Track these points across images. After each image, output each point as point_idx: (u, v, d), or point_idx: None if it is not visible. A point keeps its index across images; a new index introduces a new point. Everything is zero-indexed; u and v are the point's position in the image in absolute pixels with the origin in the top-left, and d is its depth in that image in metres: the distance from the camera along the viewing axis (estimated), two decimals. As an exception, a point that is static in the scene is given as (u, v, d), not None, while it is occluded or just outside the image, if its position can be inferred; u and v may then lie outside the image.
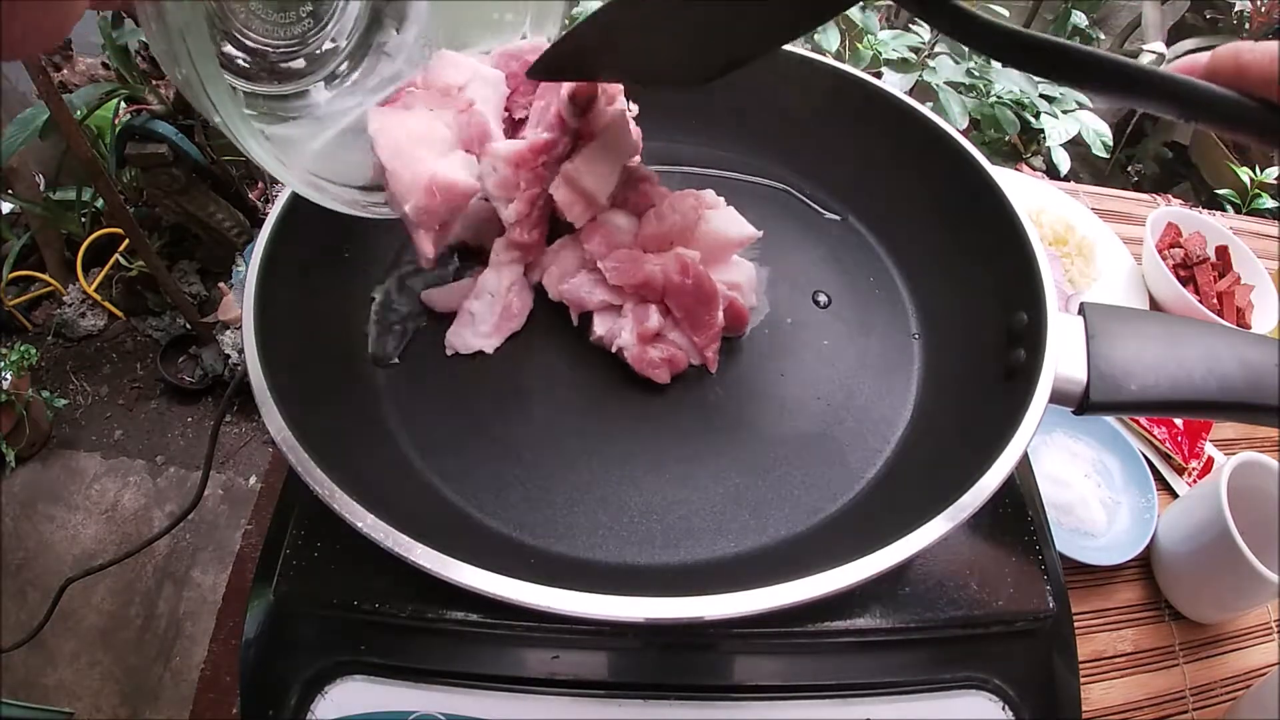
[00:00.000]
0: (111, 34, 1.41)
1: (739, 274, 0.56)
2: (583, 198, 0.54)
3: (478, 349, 0.55)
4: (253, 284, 0.49)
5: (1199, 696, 0.68)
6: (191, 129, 1.48)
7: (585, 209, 0.54)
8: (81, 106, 1.34)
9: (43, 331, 1.92)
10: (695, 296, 0.52)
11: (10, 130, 1.31)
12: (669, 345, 0.53)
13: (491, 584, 0.37)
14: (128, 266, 1.86)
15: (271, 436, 0.41)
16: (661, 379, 0.53)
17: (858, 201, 0.68)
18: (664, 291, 0.53)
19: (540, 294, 0.57)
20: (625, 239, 0.55)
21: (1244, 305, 0.93)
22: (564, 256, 0.56)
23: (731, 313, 0.54)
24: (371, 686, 0.44)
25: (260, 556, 0.48)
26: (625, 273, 0.52)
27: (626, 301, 0.54)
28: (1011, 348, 0.49)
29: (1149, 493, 0.75)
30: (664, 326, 0.53)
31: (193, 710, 0.63)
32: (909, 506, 0.47)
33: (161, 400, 1.87)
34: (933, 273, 0.62)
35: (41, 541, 1.62)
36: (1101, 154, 1.54)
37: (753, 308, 0.58)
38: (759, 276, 0.60)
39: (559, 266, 0.56)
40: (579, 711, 0.44)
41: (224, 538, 1.65)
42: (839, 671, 0.46)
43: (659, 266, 0.52)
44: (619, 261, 0.53)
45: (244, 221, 1.72)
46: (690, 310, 0.52)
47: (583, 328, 0.56)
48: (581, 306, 0.55)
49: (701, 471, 0.50)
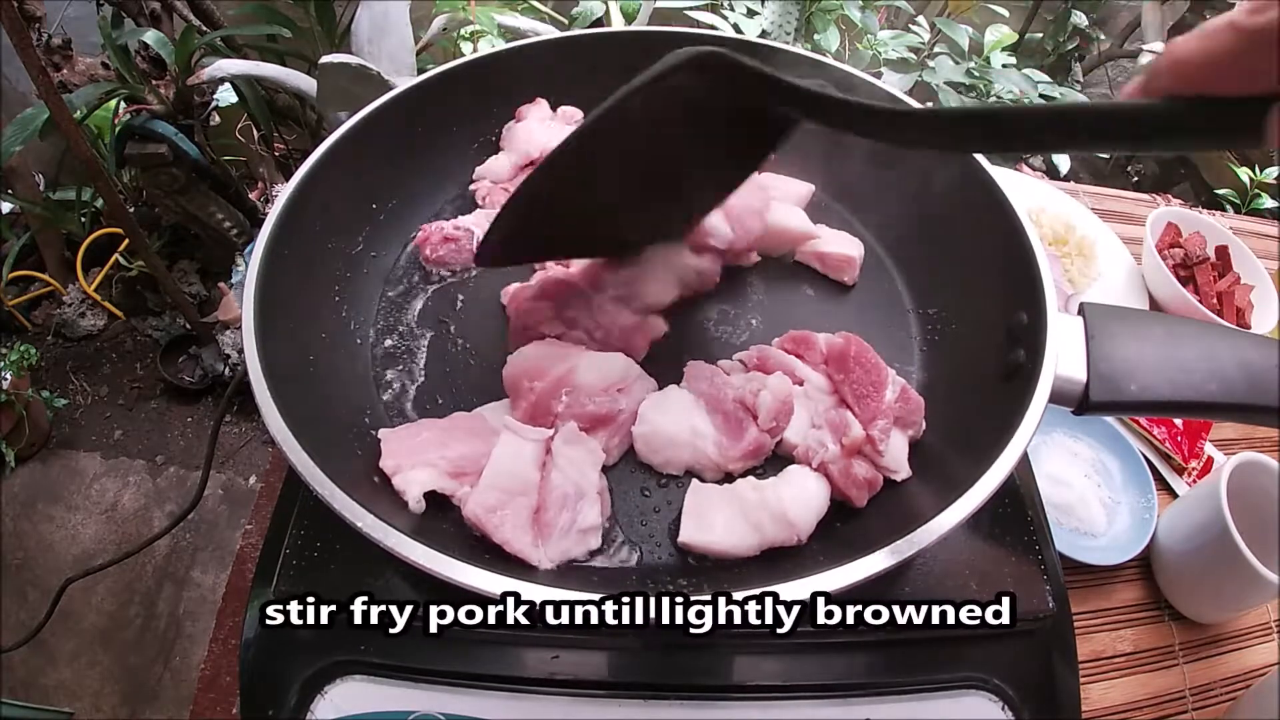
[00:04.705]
0: (111, 34, 1.41)
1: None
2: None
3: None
4: (253, 284, 0.49)
5: (1199, 696, 0.68)
6: (191, 129, 1.48)
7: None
8: (81, 106, 1.34)
9: (43, 331, 1.92)
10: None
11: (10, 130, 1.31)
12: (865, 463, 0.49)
13: (491, 583, 0.37)
14: (128, 266, 1.86)
15: (271, 436, 0.41)
16: (859, 502, 0.48)
17: (856, 202, 0.68)
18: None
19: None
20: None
21: (1244, 305, 0.93)
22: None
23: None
24: (371, 686, 0.44)
25: (260, 556, 0.48)
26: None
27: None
28: (1011, 348, 0.49)
29: (1149, 493, 0.74)
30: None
31: (193, 710, 0.63)
32: (909, 506, 0.47)
33: (161, 400, 1.86)
34: (932, 273, 0.62)
35: (41, 541, 1.62)
36: (1101, 154, 1.54)
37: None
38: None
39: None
40: (579, 711, 0.44)
41: (224, 538, 1.65)
42: (839, 671, 0.46)
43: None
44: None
45: (244, 221, 1.72)
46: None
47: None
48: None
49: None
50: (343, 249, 0.60)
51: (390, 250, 0.63)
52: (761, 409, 0.49)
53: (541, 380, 0.49)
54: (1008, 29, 1.58)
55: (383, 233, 0.63)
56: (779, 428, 0.50)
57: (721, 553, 0.45)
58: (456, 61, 0.67)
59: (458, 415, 0.51)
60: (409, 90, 0.64)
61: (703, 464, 0.49)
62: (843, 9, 1.47)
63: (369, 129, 0.61)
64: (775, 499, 0.45)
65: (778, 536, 0.45)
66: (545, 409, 0.49)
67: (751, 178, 0.56)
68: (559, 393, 0.49)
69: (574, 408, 0.49)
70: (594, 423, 0.49)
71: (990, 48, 1.54)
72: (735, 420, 0.49)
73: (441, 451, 0.47)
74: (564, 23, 1.46)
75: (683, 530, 0.45)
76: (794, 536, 0.45)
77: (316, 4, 1.53)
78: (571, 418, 0.48)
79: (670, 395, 0.51)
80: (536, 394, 0.49)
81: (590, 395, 0.49)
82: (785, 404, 0.50)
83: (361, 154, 0.60)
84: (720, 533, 0.45)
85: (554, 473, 0.46)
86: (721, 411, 0.50)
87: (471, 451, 0.47)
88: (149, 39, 1.43)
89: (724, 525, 0.45)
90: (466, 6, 1.36)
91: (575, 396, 0.49)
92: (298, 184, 0.55)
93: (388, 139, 0.62)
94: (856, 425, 0.49)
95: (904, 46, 1.51)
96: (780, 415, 0.49)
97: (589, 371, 0.50)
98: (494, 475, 0.45)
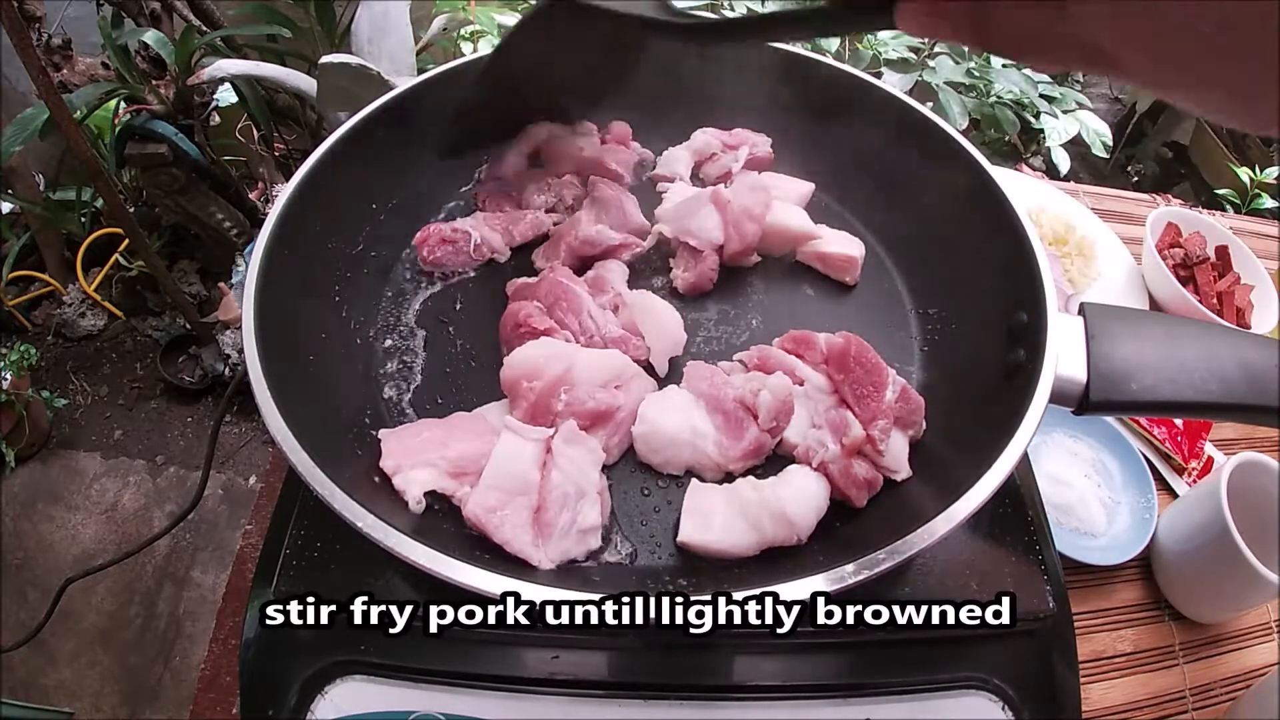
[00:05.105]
0: (111, 34, 1.41)
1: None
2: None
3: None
4: (253, 284, 0.49)
5: (1199, 696, 0.68)
6: (191, 129, 1.48)
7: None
8: (81, 106, 1.34)
9: (43, 331, 1.92)
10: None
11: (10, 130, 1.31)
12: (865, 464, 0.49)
13: (491, 583, 0.37)
14: (128, 266, 1.86)
15: (271, 436, 0.41)
16: (859, 502, 0.49)
17: (857, 202, 0.68)
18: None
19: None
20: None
21: (1244, 305, 0.93)
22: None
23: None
24: (371, 686, 0.44)
25: (260, 556, 0.48)
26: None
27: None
28: (1012, 347, 0.49)
29: (1149, 493, 0.74)
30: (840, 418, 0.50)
31: (193, 710, 0.63)
32: (909, 507, 0.47)
33: (161, 400, 1.87)
34: (932, 273, 0.62)
35: (41, 541, 1.62)
36: (1101, 154, 1.54)
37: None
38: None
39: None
40: (579, 711, 0.44)
41: (224, 538, 1.65)
42: (839, 671, 0.46)
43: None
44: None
45: (244, 221, 1.72)
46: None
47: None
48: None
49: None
50: (343, 249, 0.60)
51: (390, 250, 0.63)
52: (761, 409, 0.49)
53: (540, 380, 0.49)
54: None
55: (383, 233, 0.63)
56: (779, 427, 0.50)
57: (721, 552, 0.45)
58: (457, 61, 0.67)
59: (458, 415, 0.51)
60: (410, 90, 0.64)
61: (703, 464, 0.49)
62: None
63: (369, 129, 0.61)
64: (775, 499, 0.45)
65: (777, 536, 0.45)
66: (545, 409, 0.49)
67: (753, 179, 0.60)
68: (558, 392, 0.49)
69: (574, 405, 0.49)
70: (594, 420, 0.49)
71: (990, 48, 1.54)
72: (735, 420, 0.49)
73: (441, 451, 0.46)
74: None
75: (682, 530, 0.45)
76: (794, 536, 0.45)
77: (316, 4, 1.53)
78: (571, 415, 0.48)
79: (670, 395, 0.51)
80: (536, 394, 0.49)
81: (590, 392, 0.49)
82: (785, 404, 0.49)
83: (361, 154, 0.60)
84: (720, 532, 0.45)
85: (554, 472, 0.46)
86: (721, 411, 0.50)
87: (471, 451, 0.47)
88: (149, 39, 1.43)
89: (723, 525, 0.45)
90: (466, 6, 1.36)
91: (574, 394, 0.49)
92: (298, 184, 0.55)
93: (388, 138, 0.62)
94: (857, 425, 0.48)
95: (904, 46, 1.51)
96: (780, 415, 0.49)
97: (586, 369, 0.50)
98: (494, 475, 0.45)
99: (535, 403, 0.49)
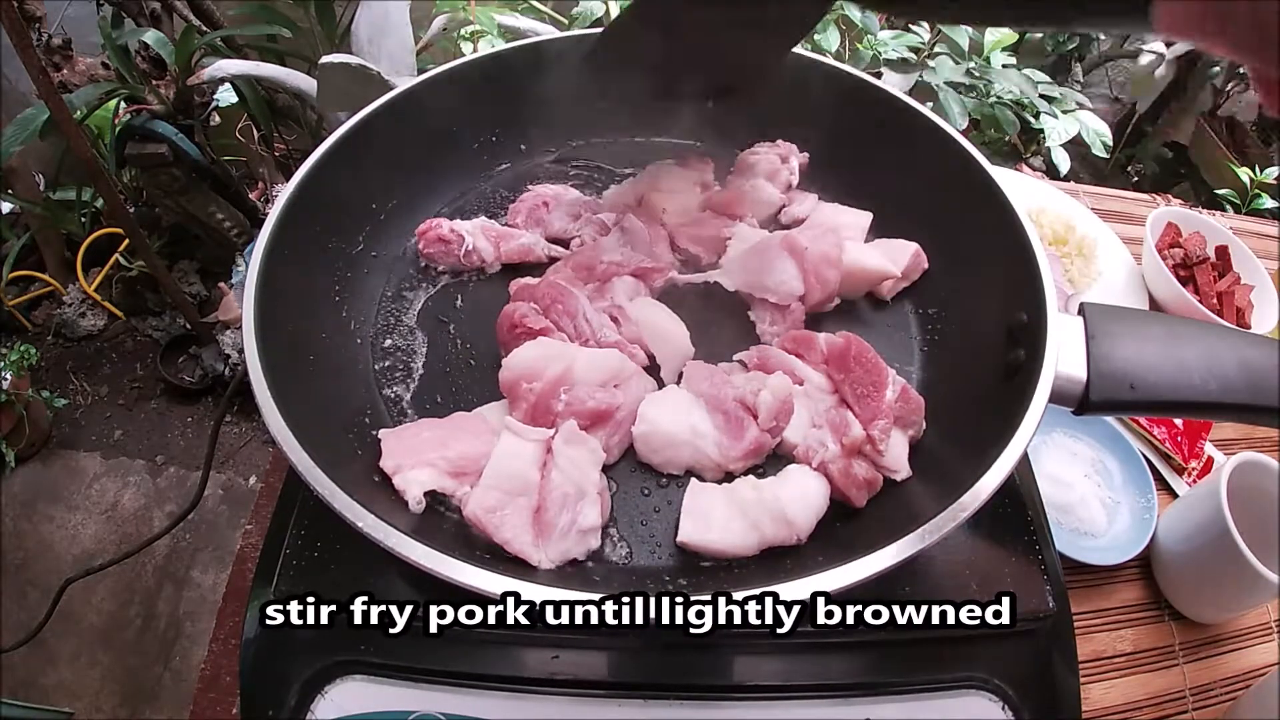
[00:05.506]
0: (111, 34, 1.41)
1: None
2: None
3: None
4: (253, 284, 0.49)
5: (1199, 696, 0.68)
6: (191, 129, 1.48)
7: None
8: (81, 106, 1.34)
9: (43, 331, 1.92)
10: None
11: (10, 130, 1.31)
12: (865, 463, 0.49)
13: (491, 583, 0.37)
14: (128, 266, 1.86)
15: (271, 436, 0.41)
16: (859, 502, 0.48)
17: (857, 202, 0.68)
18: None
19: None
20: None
21: (1244, 305, 0.93)
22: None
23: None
24: (371, 686, 0.44)
25: (260, 556, 0.48)
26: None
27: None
28: (1012, 347, 0.49)
29: (1149, 493, 0.74)
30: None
31: (193, 710, 0.63)
32: (909, 507, 0.47)
33: (161, 400, 1.86)
34: (933, 273, 0.62)
35: (41, 541, 1.62)
36: (1101, 154, 1.54)
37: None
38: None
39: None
40: (579, 711, 0.44)
41: (224, 538, 1.65)
42: (839, 671, 0.46)
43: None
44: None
45: (244, 221, 1.72)
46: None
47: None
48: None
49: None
50: (343, 249, 0.60)
51: (390, 250, 0.63)
52: (762, 408, 0.49)
53: (539, 381, 0.49)
54: (1008, 29, 1.58)
55: (383, 233, 0.63)
56: (779, 427, 0.50)
57: (720, 552, 0.45)
58: (457, 61, 0.67)
59: (458, 415, 0.51)
60: (409, 90, 0.64)
61: (703, 464, 0.49)
62: (843, 9, 1.47)
63: (369, 129, 0.61)
64: (774, 498, 0.45)
65: (777, 536, 0.45)
66: (545, 409, 0.49)
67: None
68: (558, 392, 0.49)
69: (574, 405, 0.49)
70: (594, 419, 0.49)
71: (990, 48, 1.54)
72: (735, 420, 0.49)
73: (441, 451, 0.47)
74: (564, 23, 1.46)
75: (681, 529, 0.45)
76: (793, 536, 0.45)
77: (316, 4, 1.53)
78: (571, 415, 0.48)
79: (670, 395, 0.51)
80: (535, 395, 0.49)
81: (589, 392, 0.49)
82: (785, 403, 0.49)
83: (361, 154, 0.60)
84: (719, 532, 0.45)
85: (554, 473, 0.46)
86: (722, 411, 0.50)
87: (471, 451, 0.47)
88: (149, 39, 1.43)
89: (723, 524, 0.45)
90: (466, 6, 1.36)
91: (574, 394, 0.49)
92: (298, 184, 0.55)
93: (388, 139, 0.62)
94: (857, 425, 0.48)
95: (904, 47, 1.51)
96: (780, 415, 0.49)
97: (586, 369, 0.50)
98: (494, 475, 0.45)
99: (535, 404, 0.49)
